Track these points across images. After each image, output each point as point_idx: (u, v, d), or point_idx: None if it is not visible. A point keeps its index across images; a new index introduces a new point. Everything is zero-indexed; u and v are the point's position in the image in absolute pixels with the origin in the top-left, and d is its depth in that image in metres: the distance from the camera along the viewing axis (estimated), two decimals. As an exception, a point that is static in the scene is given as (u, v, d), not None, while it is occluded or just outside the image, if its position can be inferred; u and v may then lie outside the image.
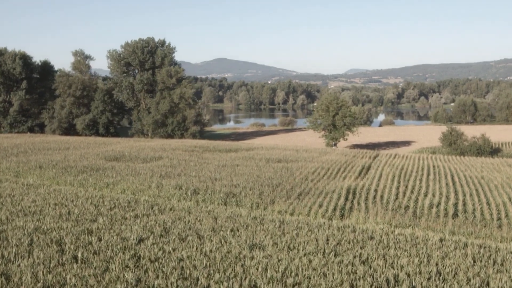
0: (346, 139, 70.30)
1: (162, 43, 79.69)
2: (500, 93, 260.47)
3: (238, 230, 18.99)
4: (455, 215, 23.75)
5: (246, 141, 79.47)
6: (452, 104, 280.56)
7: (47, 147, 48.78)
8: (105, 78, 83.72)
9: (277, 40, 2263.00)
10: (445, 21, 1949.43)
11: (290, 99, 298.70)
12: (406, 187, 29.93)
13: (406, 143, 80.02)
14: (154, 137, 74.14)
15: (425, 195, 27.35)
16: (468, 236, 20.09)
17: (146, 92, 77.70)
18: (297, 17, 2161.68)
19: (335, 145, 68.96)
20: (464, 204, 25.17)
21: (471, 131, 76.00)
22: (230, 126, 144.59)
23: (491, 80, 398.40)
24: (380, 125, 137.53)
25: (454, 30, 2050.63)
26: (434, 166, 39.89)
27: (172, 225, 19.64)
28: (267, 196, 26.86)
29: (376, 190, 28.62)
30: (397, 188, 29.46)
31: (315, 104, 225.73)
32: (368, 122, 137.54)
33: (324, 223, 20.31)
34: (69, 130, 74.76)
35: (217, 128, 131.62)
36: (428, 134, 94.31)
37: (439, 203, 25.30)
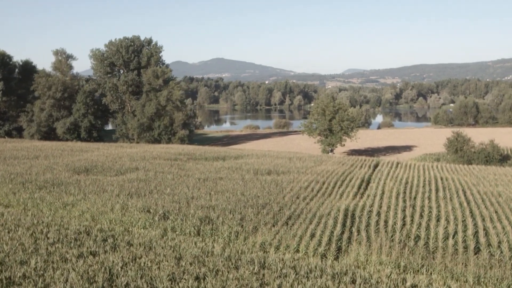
0: (344, 145, 65.97)
1: (149, 41, 75.17)
2: (499, 93, 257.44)
3: (204, 279, 14.72)
4: (477, 248, 19.49)
5: (237, 146, 75.18)
6: (451, 104, 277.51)
7: (14, 156, 44.37)
8: (87, 79, 79.13)
9: (275, 40, 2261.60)
10: (443, 21, 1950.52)
11: (287, 99, 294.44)
12: (414, 208, 25.69)
13: (407, 148, 75.72)
14: (140, 141, 69.78)
15: (437, 220, 23.11)
16: (499, 285, 15.83)
17: (132, 94, 73.22)
18: (295, 17, 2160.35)
19: (331, 151, 64.62)
20: (486, 234, 20.93)
21: (474, 134, 72.05)
22: (223, 128, 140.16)
23: (488, 80, 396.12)
24: (379, 127, 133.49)
25: (451, 30, 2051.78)
26: (442, 179, 35.71)
27: (122, 271, 15.32)
28: (249, 221, 22.59)
29: (379, 213, 24.37)
30: (403, 209, 25.21)
31: (312, 104, 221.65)
32: (366, 124, 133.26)
33: (316, 266, 16.02)
34: (49, 134, 70.20)
35: (209, 130, 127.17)
36: (429, 138, 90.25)
37: (455, 232, 21.06)
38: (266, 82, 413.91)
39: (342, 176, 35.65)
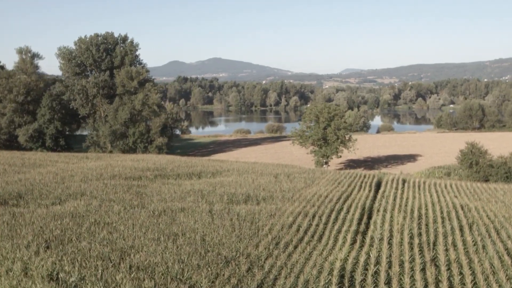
0: (340, 156, 58.51)
1: (124, 39, 67.61)
2: (500, 94, 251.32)
3: None
4: None
5: (221, 155, 67.78)
6: (451, 105, 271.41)
7: None
8: (54, 81, 71.46)
9: (273, 40, 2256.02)
10: (440, 21, 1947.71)
11: (283, 100, 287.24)
12: (437, 265, 18.48)
13: (411, 157, 68.23)
14: (113, 151, 62.35)
15: (476, 293, 15.81)
16: None
17: (104, 97, 65.73)
18: (293, 17, 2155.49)
19: (326, 163, 57.21)
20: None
21: (481, 140, 64.95)
22: (212, 132, 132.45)
23: (486, 80, 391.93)
24: (378, 131, 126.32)
25: (449, 30, 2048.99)
26: (462, 208, 28.57)
27: None
28: (200, 295, 15.30)
29: (388, 277, 17.15)
30: (422, 268, 18.01)
31: (308, 105, 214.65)
32: (364, 128, 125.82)
33: None
34: (12, 142, 62.67)
35: (196, 135, 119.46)
36: (433, 145, 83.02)
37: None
38: (263, 82, 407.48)
39: (337, 204, 28.52)
